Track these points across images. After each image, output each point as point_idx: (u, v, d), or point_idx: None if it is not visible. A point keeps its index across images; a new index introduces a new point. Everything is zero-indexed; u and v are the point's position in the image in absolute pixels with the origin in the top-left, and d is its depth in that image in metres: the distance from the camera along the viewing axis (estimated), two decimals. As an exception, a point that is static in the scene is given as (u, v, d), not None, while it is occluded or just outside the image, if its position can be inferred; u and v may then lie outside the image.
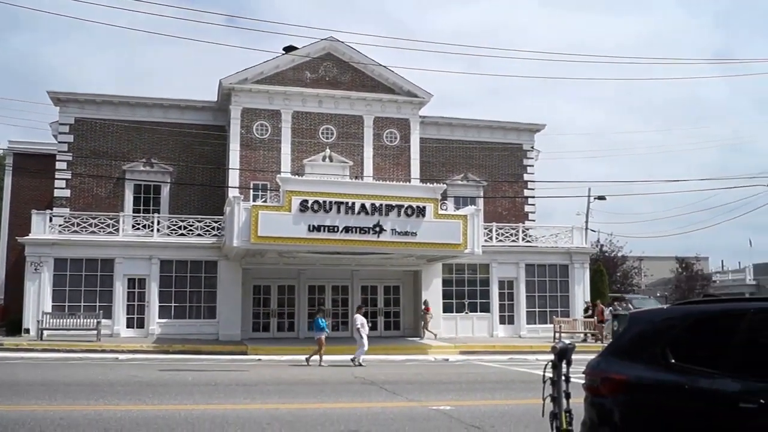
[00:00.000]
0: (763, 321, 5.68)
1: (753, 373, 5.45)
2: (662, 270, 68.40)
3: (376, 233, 26.30)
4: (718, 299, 7.09)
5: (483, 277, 34.07)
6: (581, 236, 36.62)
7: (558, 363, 7.57)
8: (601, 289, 38.38)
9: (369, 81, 35.70)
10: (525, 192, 39.21)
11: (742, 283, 65.75)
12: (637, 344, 6.29)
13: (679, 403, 5.71)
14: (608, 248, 54.06)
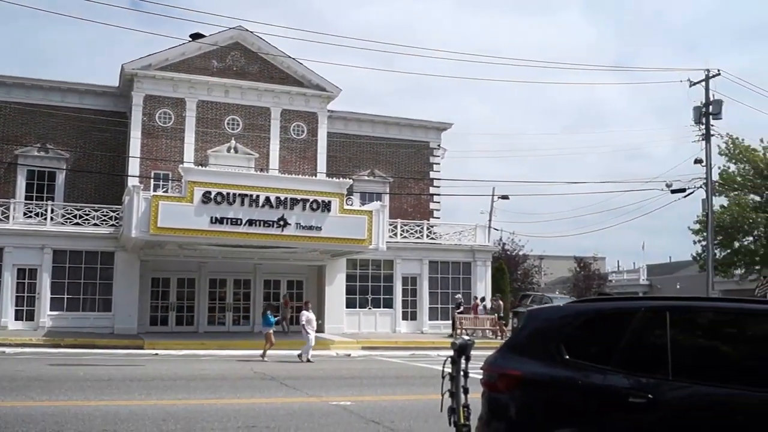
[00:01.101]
0: (653, 319, 5.89)
1: (643, 369, 5.66)
2: (561, 269, 70.28)
3: (280, 227, 25.99)
4: (611, 298, 7.26)
5: (387, 273, 34.17)
6: (484, 234, 37.19)
7: (457, 359, 7.59)
8: (502, 287, 39.06)
9: (277, 73, 35.30)
10: (430, 189, 39.58)
11: (636, 283, 68.25)
12: (533, 341, 6.36)
13: (572, 398, 5.83)
14: (510, 247, 55.07)
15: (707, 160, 34.02)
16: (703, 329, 6.10)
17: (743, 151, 39.56)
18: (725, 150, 39.84)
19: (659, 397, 5.49)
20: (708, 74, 34.03)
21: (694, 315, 6.16)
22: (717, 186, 37.86)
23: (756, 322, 5.72)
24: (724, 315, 6.10)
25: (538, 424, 5.90)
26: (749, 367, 5.51)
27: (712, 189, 35.11)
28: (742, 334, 5.85)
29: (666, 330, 5.79)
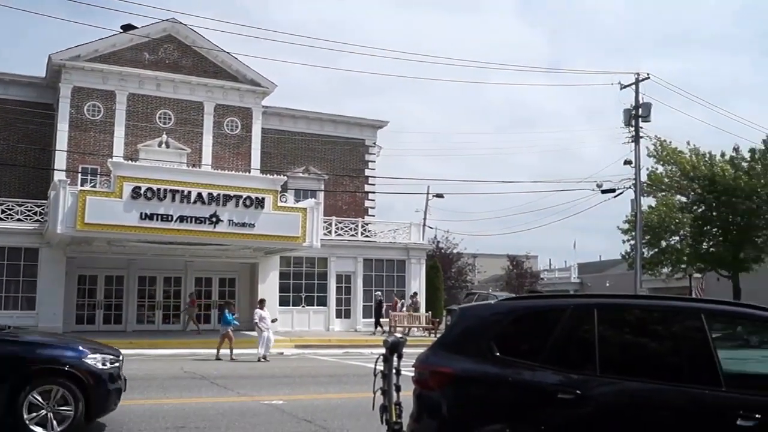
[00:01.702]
0: (581, 317, 6.00)
1: (572, 366, 5.77)
2: (494, 267, 71.10)
3: (212, 224, 25.59)
4: (541, 296, 7.34)
5: (321, 270, 33.99)
6: (419, 233, 37.30)
7: (389, 356, 7.53)
8: (436, 285, 39.29)
9: (211, 67, 34.74)
10: (366, 187, 39.53)
11: (567, 281, 69.51)
12: (465, 338, 6.36)
13: (503, 395, 5.88)
14: (445, 245, 55.51)
15: (636, 162, 34.79)
16: (631, 326, 6.24)
17: (671, 153, 40.57)
18: (653, 152, 40.79)
19: (587, 393, 5.58)
20: (638, 77, 34.79)
21: (622, 312, 6.31)
22: (645, 187, 38.76)
23: (680, 320, 5.85)
24: (651, 312, 6.26)
25: (469, 421, 5.90)
26: (675, 364, 5.65)
27: (641, 190, 35.90)
28: (667, 331, 5.99)
29: (594, 327, 5.91)
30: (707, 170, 39.71)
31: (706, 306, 6.05)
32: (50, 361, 9.23)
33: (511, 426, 5.72)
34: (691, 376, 5.46)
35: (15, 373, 8.90)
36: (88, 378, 9.16)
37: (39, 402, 8.86)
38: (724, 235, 40.72)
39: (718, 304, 6.21)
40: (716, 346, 5.57)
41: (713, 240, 41.61)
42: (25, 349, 9.40)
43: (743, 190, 38.05)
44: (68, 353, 9.39)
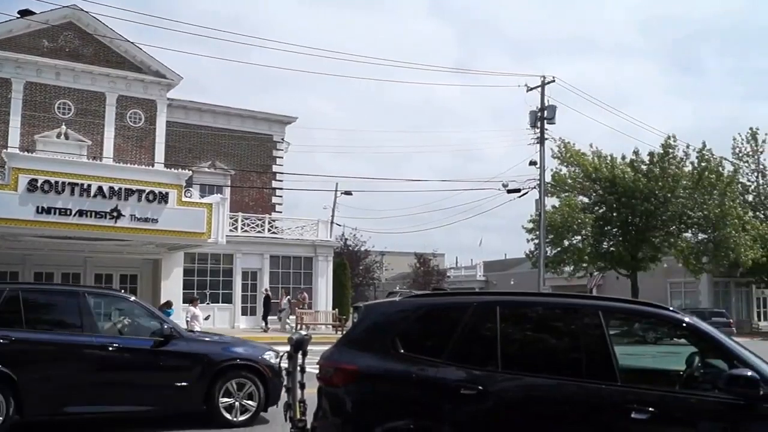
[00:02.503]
0: (484, 314, 6.09)
1: (474, 362, 5.86)
2: (402, 265, 71.65)
3: (113, 218, 24.79)
4: (445, 293, 7.41)
5: (226, 267, 33.48)
6: (326, 230, 37.20)
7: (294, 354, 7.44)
8: (343, 282, 39.27)
9: (114, 57, 33.66)
10: (273, 183, 39.10)
11: (473, 279, 70.55)
12: (370, 335, 6.35)
13: (407, 391, 5.90)
14: (352, 242, 55.58)
15: (541, 163, 35.62)
16: (532, 323, 6.37)
17: (574, 155, 41.73)
18: (558, 153, 41.89)
19: (489, 389, 5.67)
20: (544, 80, 35.62)
21: (523, 309, 6.42)
22: (549, 187, 39.78)
23: (579, 317, 5.97)
24: (551, 310, 6.39)
25: (373, 418, 5.91)
26: (574, 359, 5.77)
27: (545, 190, 36.81)
28: (567, 327, 6.11)
29: (496, 324, 6.00)
30: (608, 172, 41.02)
31: (604, 303, 6.20)
32: (241, 357, 10.64)
33: (415, 422, 5.75)
34: (589, 371, 5.60)
35: (212, 367, 10.30)
36: (267, 371, 10.52)
37: (233, 390, 10.39)
38: (623, 235, 42.15)
39: (616, 301, 6.38)
40: (613, 342, 5.73)
41: (613, 240, 43.02)
42: (222, 347, 10.88)
43: (642, 192, 39.48)
44: (252, 350, 10.90)
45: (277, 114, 39.83)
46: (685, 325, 5.84)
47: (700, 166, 41.08)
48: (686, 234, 43.46)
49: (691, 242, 43.47)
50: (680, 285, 52.20)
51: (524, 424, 5.66)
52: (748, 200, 49.04)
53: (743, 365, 5.39)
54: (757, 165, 49.06)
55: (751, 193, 49.66)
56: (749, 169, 49.12)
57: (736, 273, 48.09)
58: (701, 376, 5.97)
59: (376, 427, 5.80)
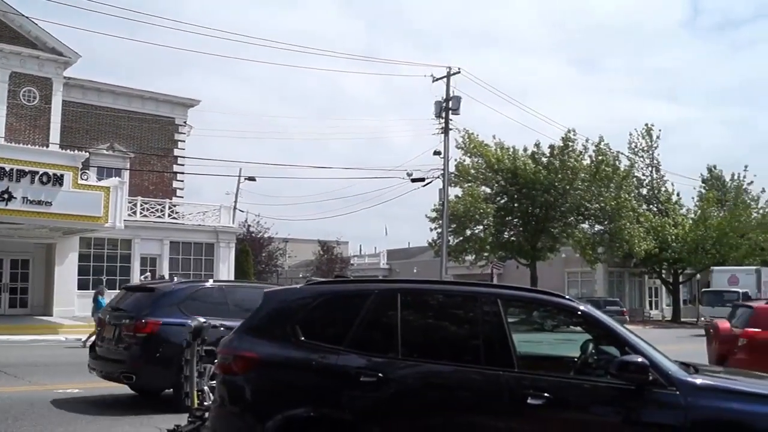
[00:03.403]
0: (385, 301, 6.11)
1: (375, 349, 5.87)
2: (305, 252, 71.27)
3: (4, 201, 23.74)
4: (347, 280, 7.39)
5: (124, 252, 32.59)
6: (229, 215, 36.67)
7: (192, 341, 7.30)
8: (245, 269, 38.84)
9: (7, 31, 32.10)
10: (174, 167, 38.19)
11: (377, 267, 70.86)
12: (270, 322, 6.28)
13: (307, 379, 5.86)
14: (255, 229, 54.92)
15: (445, 153, 36.03)
16: (432, 310, 6.42)
17: (477, 146, 42.42)
18: (462, 144, 42.48)
19: (389, 376, 5.69)
20: (449, 71, 36.00)
21: (424, 297, 6.47)
22: (453, 177, 40.33)
23: (479, 304, 6.03)
24: (451, 297, 6.45)
25: (272, 406, 5.84)
26: (473, 346, 5.85)
27: (449, 180, 37.27)
28: (467, 315, 6.18)
29: (397, 311, 6.01)
30: (510, 164, 41.88)
31: (503, 291, 6.30)
32: None
33: (315, 410, 5.73)
34: (488, 358, 5.68)
35: None
36: None
37: None
38: (524, 225, 43.17)
39: (515, 290, 6.49)
40: (511, 329, 5.83)
41: (514, 230, 44.01)
42: None
43: (542, 183, 40.49)
44: None
45: (179, 96, 38.89)
46: (580, 313, 5.99)
47: (598, 159, 42.42)
48: (583, 225, 44.90)
49: (588, 233, 44.91)
50: (577, 274, 53.91)
51: (424, 411, 5.69)
52: (642, 194, 51.07)
53: (634, 352, 5.57)
54: (652, 160, 51.09)
55: (645, 186, 51.70)
56: (644, 163, 51.15)
57: (629, 263, 50.04)
58: (595, 363, 6.14)
59: (275, 415, 5.74)
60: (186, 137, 39.00)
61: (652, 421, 5.46)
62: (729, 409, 5.39)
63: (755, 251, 47.36)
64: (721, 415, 5.36)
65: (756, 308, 14.18)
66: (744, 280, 39.54)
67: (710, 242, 45.77)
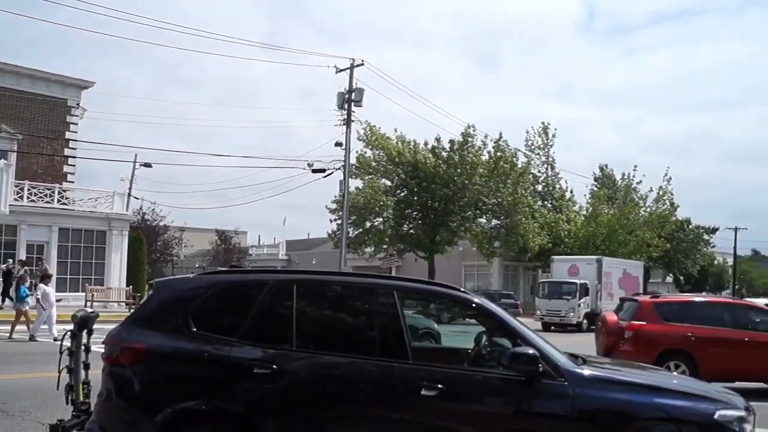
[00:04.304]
0: (281, 292, 6.04)
1: (269, 341, 5.81)
2: (202, 241, 70.06)
3: None
4: (242, 270, 7.26)
5: (9, 239, 31.22)
6: (123, 202, 35.64)
7: (78, 332, 7.02)
8: (139, 258, 37.80)
9: None
10: (66, 151, 36.74)
11: (275, 258, 70.34)
12: (160, 312, 6.12)
13: (199, 371, 5.76)
14: (151, 217, 53.56)
15: (347, 144, 36.03)
16: (329, 302, 6.40)
17: (379, 139, 42.54)
18: (363, 136, 42.50)
19: (284, 368, 5.64)
20: (353, 63, 35.99)
21: (321, 288, 6.44)
22: (354, 169, 40.36)
23: (375, 296, 6.04)
24: (348, 289, 6.43)
25: (162, 400, 5.69)
26: (368, 338, 5.85)
27: (350, 171, 37.27)
28: (363, 307, 6.18)
29: (293, 302, 5.96)
30: (411, 157, 42.17)
31: (400, 284, 6.31)
32: None
33: (206, 403, 5.63)
34: (383, 349, 5.69)
35: None
36: None
37: None
38: (423, 218, 43.56)
39: (411, 282, 6.51)
40: (407, 321, 5.85)
41: (413, 223, 44.36)
42: None
43: (442, 177, 40.94)
44: None
45: (72, 77, 37.39)
46: (475, 306, 6.07)
47: (496, 155, 43.21)
48: (481, 219, 45.70)
49: (485, 227, 45.76)
50: (474, 268, 54.92)
51: (318, 403, 5.67)
52: (537, 190, 52.46)
53: (525, 344, 5.69)
54: (547, 157, 52.56)
55: (541, 183, 53.13)
56: (540, 160, 52.54)
57: (524, 258, 51.29)
58: (488, 354, 6.26)
59: (165, 409, 5.59)
60: (79, 120, 37.59)
61: (541, 411, 5.61)
62: (613, 398, 5.59)
63: (642, 248, 49.37)
64: (606, 405, 5.56)
65: (641, 302, 14.80)
66: (585, 270, 37.08)
67: (600, 238, 47.34)
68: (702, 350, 13.36)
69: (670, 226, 53.50)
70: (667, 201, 52.42)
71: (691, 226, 65.88)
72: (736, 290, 73.16)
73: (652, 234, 49.70)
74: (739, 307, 15.27)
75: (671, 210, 53.42)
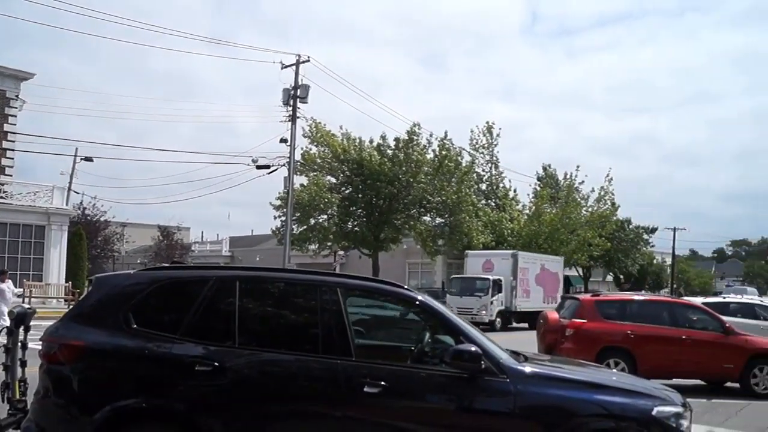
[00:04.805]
0: (224, 289, 6.00)
1: (211, 338, 5.77)
2: (144, 237, 68.97)
3: None
4: (184, 266, 7.19)
5: (-57, 233, 30.29)
6: (62, 197, 34.93)
7: (15, 329, 6.89)
8: (79, 254, 37.06)
9: None
10: (4, 143, 35.79)
11: (218, 254, 69.69)
12: (100, 309, 6.03)
13: (139, 368, 5.69)
14: (91, 212, 52.50)
15: (292, 141, 35.89)
16: (272, 299, 6.38)
17: (324, 136, 42.40)
18: (309, 133, 42.30)
19: (225, 365, 5.62)
20: (299, 59, 35.83)
21: (264, 285, 6.41)
22: (299, 166, 40.19)
23: (319, 293, 6.04)
24: (292, 286, 6.43)
25: (101, 398, 5.61)
26: (312, 335, 5.86)
27: (294, 168, 37.11)
28: (307, 304, 6.18)
29: (235, 299, 5.93)
30: (356, 155, 42.15)
31: (343, 281, 6.33)
32: None
33: (146, 401, 5.57)
34: (326, 346, 5.71)
35: None
36: None
37: None
38: (367, 216, 43.57)
39: (355, 279, 6.54)
40: (350, 319, 5.87)
41: (358, 220, 44.33)
42: None
43: (387, 175, 41.02)
44: None
45: (10, 68, 36.41)
46: (418, 303, 6.12)
47: (441, 154, 43.45)
48: (425, 218, 45.89)
49: (430, 226, 45.99)
50: (418, 265, 55.19)
51: (261, 400, 5.66)
52: (481, 189, 52.91)
53: (468, 341, 5.76)
54: (491, 157, 52.98)
55: (485, 182, 53.58)
56: (484, 159, 52.92)
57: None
58: (431, 351, 6.31)
59: (104, 407, 5.51)
60: (18, 111, 36.63)
61: (483, 407, 5.69)
62: (554, 395, 5.71)
63: (583, 246, 50.23)
64: (547, 402, 5.66)
65: (582, 300, 15.09)
66: (499, 265, 35.01)
67: (543, 237, 47.96)
68: (641, 348, 13.68)
69: (610, 225, 54.50)
70: (608, 201, 53.34)
71: (632, 226, 67.14)
72: (674, 289, 74.96)
73: (594, 233, 50.56)
74: (677, 306, 15.66)
75: (612, 210, 54.37)
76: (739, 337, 14.47)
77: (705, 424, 10.29)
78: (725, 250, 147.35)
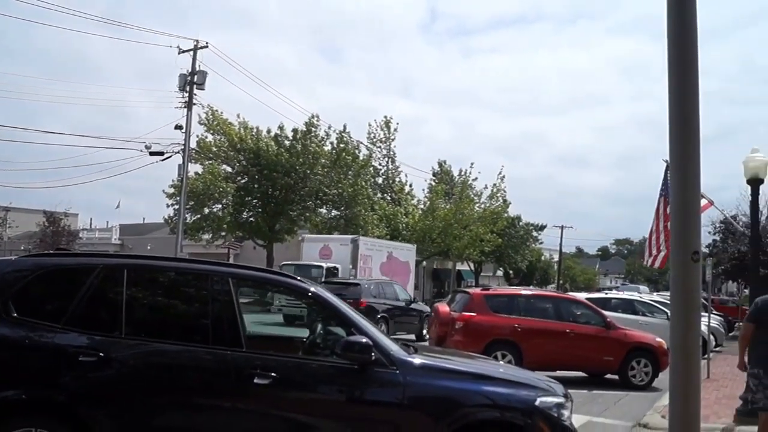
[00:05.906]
0: (111, 277, 5.88)
1: (97, 328, 5.63)
2: (29, 223, 66.11)
3: None
4: (69, 253, 6.99)
5: None
6: (-61, 178, 33.04)
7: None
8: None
9: None
10: None
11: (108, 242, 67.53)
12: None
13: (20, 359, 5.50)
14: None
15: (187, 128, 35.14)
16: (161, 288, 6.28)
17: (221, 124, 41.68)
18: (205, 120, 41.49)
19: (111, 355, 5.50)
20: (197, 45, 35.18)
21: (153, 274, 6.30)
22: (194, 153, 39.37)
23: (210, 283, 5.98)
24: (182, 275, 6.33)
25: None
26: (202, 325, 5.80)
27: (189, 156, 36.37)
28: (197, 293, 6.11)
29: (123, 288, 5.81)
30: (253, 144, 41.63)
31: (235, 271, 6.28)
32: None
33: (27, 392, 5.37)
34: (216, 337, 5.65)
35: None
36: None
37: None
38: (263, 206, 43.12)
39: (247, 269, 6.49)
40: (242, 309, 5.82)
41: (253, 211, 43.83)
42: None
43: (284, 166, 40.69)
44: None
45: None
46: (311, 294, 6.13)
47: (339, 147, 43.45)
48: (322, 209, 45.81)
49: (326, 218, 45.93)
50: (314, 257, 54.83)
51: (148, 391, 5.56)
52: (378, 183, 53.24)
53: (359, 333, 5.81)
54: (388, 151, 53.37)
55: (381, 176, 53.94)
56: (381, 153, 53.26)
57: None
58: (323, 343, 6.34)
59: (-20, 398, 5.27)
60: None
61: (373, 398, 5.76)
62: (442, 386, 5.83)
63: (476, 242, 51.24)
64: (435, 392, 5.78)
65: (472, 294, 15.47)
66: (338, 252, 32.75)
67: (437, 232, 48.65)
68: (527, 341, 14.14)
69: (502, 222, 55.73)
70: (500, 198, 54.47)
71: (522, 223, 68.89)
72: (560, 285, 77.54)
73: (486, 229, 51.60)
74: (562, 301, 16.28)
75: (504, 207, 55.58)
76: (619, 331, 15.17)
77: (585, 414, 10.71)
78: (609, 249, 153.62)
